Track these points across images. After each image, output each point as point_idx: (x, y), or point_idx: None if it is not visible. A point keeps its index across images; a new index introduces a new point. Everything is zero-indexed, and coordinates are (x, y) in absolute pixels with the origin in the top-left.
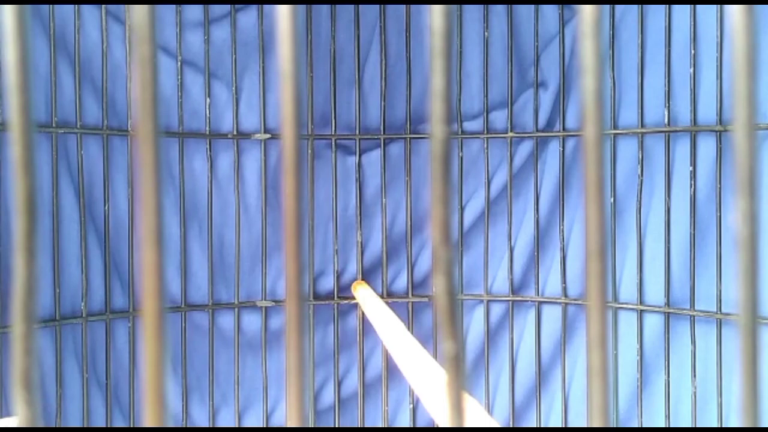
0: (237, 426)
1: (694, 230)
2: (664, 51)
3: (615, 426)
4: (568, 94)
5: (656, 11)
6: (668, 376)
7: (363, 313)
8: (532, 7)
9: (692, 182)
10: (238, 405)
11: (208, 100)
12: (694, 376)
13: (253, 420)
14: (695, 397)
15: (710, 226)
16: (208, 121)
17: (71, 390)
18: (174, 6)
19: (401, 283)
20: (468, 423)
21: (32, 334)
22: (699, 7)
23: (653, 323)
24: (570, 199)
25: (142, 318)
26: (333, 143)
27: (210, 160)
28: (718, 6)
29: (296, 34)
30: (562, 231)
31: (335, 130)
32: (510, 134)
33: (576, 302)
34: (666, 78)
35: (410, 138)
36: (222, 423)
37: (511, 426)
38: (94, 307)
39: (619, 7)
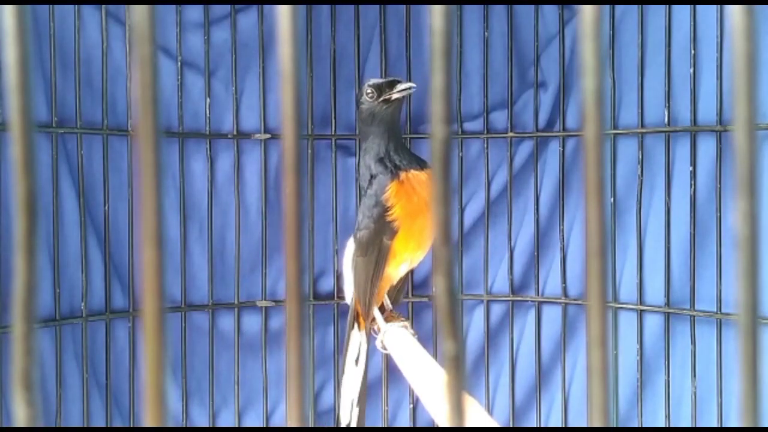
0: (237, 426)
1: (694, 230)
2: (664, 51)
3: (615, 426)
4: (568, 94)
5: (656, 11)
6: (668, 376)
7: None
8: (532, 7)
9: (692, 182)
10: (238, 406)
11: (208, 100)
12: (694, 376)
13: (253, 421)
14: (695, 397)
15: (710, 226)
16: (208, 121)
17: (71, 390)
18: (174, 6)
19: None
20: (468, 423)
21: (32, 334)
22: (699, 7)
23: (653, 323)
24: (570, 199)
25: (142, 318)
26: (333, 143)
27: (210, 160)
28: (718, 6)
29: (296, 34)
30: (562, 231)
31: (335, 130)
32: (510, 134)
33: (576, 302)
34: (666, 78)
35: (410, 138)
36: (222, 424)
37: (511, 426)
38: (94, 307)
39: (619, 7)
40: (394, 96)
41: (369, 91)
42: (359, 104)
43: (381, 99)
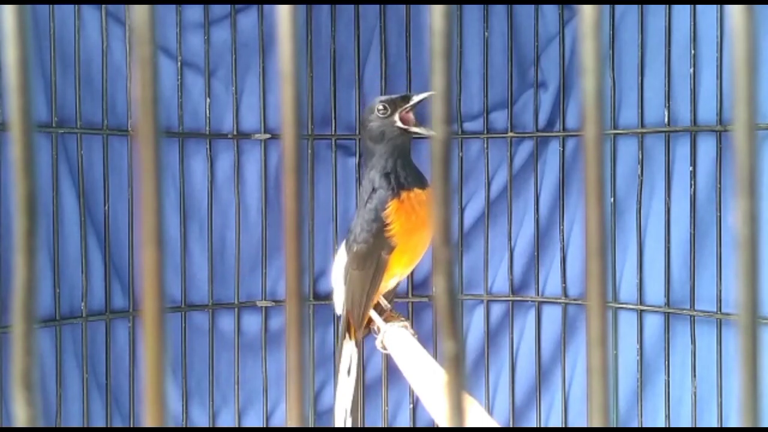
0: (237, 426)
1: (694, 230)
2: (664, 51)
3: (615, 426)
4: (568, 94)
5: (656, 11)
6: (668, 376)
7: None
8: (532, 7)
9: (692, 182)
10: (238, 406)
11: (208, 100)
12: (694, 376)
13: (253, 421)
14: (695, 397)
15: (710, 226)
16: (208, 121)
17: (71, 390)
18: (174, 6)
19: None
20: (468, 423)
21: (32, 334)
22: (699, 7)
23: (653, 323)
24: (570, 199)
25: (142, 318)
26: (333, 143)
27: (210, 160)
28: (718, 6)
29: (296, 35)
30: (562, 231)
31: (335, 130)
32: (510, 134)
33: (576, 302)
34: (666, 78)
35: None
36: (222, 424)
37: (511, 426)
38: (94, 307)
39: (619, 7)
40: (413, 129)
41: (381, 107)
42: (367, 122)
43: (399, 125)
